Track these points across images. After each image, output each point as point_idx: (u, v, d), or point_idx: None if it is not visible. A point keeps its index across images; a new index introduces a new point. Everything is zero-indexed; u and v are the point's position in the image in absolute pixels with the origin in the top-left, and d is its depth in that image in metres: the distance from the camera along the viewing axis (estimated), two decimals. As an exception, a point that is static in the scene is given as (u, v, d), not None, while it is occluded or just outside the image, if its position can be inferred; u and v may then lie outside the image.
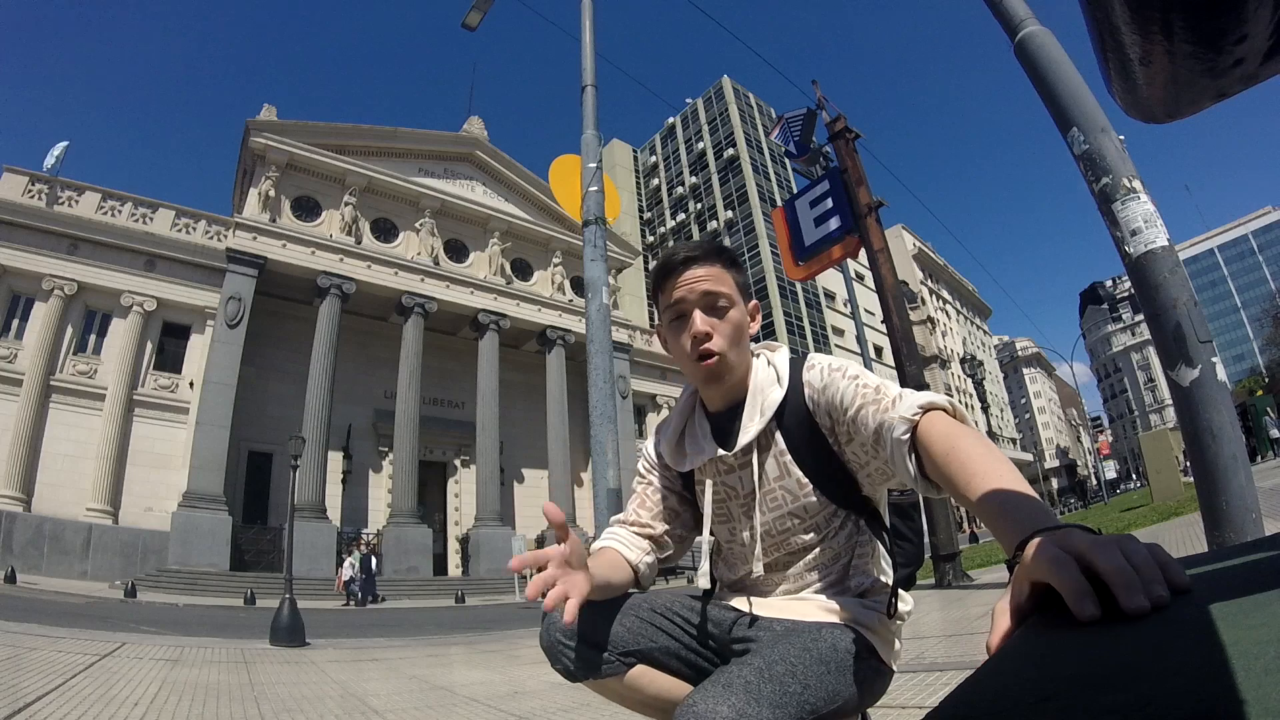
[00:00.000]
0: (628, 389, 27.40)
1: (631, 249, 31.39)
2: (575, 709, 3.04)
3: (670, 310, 1.10)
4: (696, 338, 1.06)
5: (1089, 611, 0.43)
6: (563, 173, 5.00)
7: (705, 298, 1.07)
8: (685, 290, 1.07)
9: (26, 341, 17.87)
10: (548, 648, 1.04)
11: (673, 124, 59.29)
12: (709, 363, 1.06)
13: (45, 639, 5.00)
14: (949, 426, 0.86)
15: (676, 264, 1.09)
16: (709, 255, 1.10)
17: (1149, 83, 0.40)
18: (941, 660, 3.22)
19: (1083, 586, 0.45)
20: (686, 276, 1.08)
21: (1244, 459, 2.75)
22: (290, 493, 9.18)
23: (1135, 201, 2.97)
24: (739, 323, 1.09)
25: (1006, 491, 0.72)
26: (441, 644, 6.98)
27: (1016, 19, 3.47)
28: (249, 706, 3.30)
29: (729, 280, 1.09)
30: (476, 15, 6.65)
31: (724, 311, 1.07)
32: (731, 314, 1.08)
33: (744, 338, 1.10)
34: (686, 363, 1.09)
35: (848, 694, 0.91)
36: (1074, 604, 0.44)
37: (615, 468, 3.90)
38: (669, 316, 1.10)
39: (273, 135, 21.60)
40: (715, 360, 1.06)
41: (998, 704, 0.35)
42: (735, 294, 1.09)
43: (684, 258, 1.09)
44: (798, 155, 9.91)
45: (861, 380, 0.99)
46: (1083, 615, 0.43)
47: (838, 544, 1.07)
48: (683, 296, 1.08)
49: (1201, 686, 0.29)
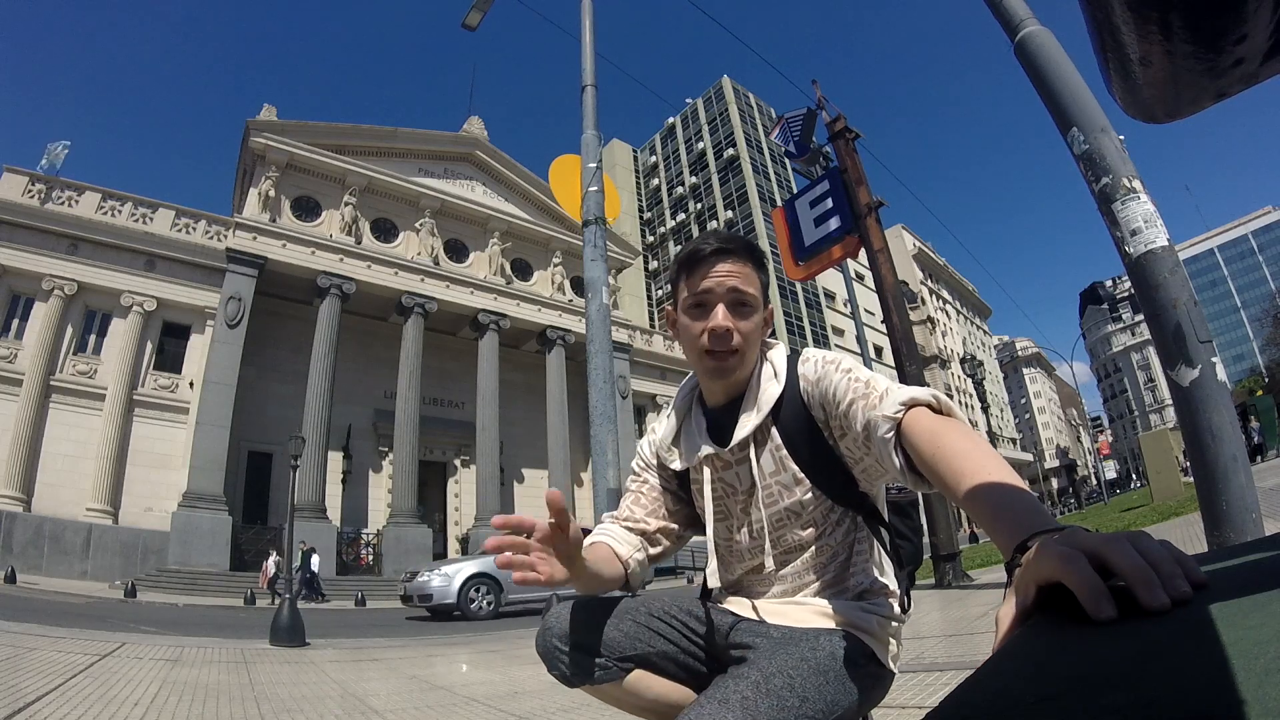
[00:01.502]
0: (628, 389, 27.41)
1: (631, 249, 31.41)
2: (575, 709, 3.04)
3: (693, 297, 1.07)
4: (715, 332, 1.04)
5: (1106, 612, 0.41)
6: (563, 173, 5.00)
7: (732, 294, 1.05)
8: (714, 282, 1.06)
9: (26, 341, 17.87)
10: (544, 653, 1.04)
11: (673, 124, 59.30)
12: (723, 360, 1.06)
13: (45, 639, 5.00)
14: (934, 423, 0.84)
15: (708, 253, 1.07)
16: (742, 252, 1.08)
17: (1149, 83, 0.40)
18: (941, 660, 3.22)
19: (1099, 585, 0.43)
20: (718, 269, 1.06)
21: (1244, 459, 2.75)
22: (290, 493, 9.21)
23: (1135, 201, 2.98)
24: (758, 325, 1.08)
25: (1000, 491, 0.70)
26: (441, 644, 6.98)
27: (1016, 19, 3.47)
28: (249, 706, 3.30)
29: (756, 281, 1.08)
30: (476, 15, 6.66)
31: (748, 312, 1.06)
32: (754, 316, 1.07)
33: (758, 341, 1.09)
34: (694, 351, 1.08)
35: (847, 703, 0.90)
36: (1090, 604, 0.42)
37: (615, 468, 3.90)
38: (690, 303, 1.08)
39: (273, 135, 21.61)
40: (732, 356, 1.05)
41: (998, 704, 0.35)
42: (759, 295, 1.08)
43: (717, 248, 1.07)
44: (798, 155, 9.90)
45: (854, 375, 0.98)
46: (1099, 615, 0.41)
47: (835, 541, 1.06)
48: (710, 288, 1.06)
49: (1201, 686, 0.29)
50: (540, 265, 27.64)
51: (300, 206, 22.50)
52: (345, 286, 21.62)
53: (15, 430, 16.78)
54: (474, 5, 6.58)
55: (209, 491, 17.84)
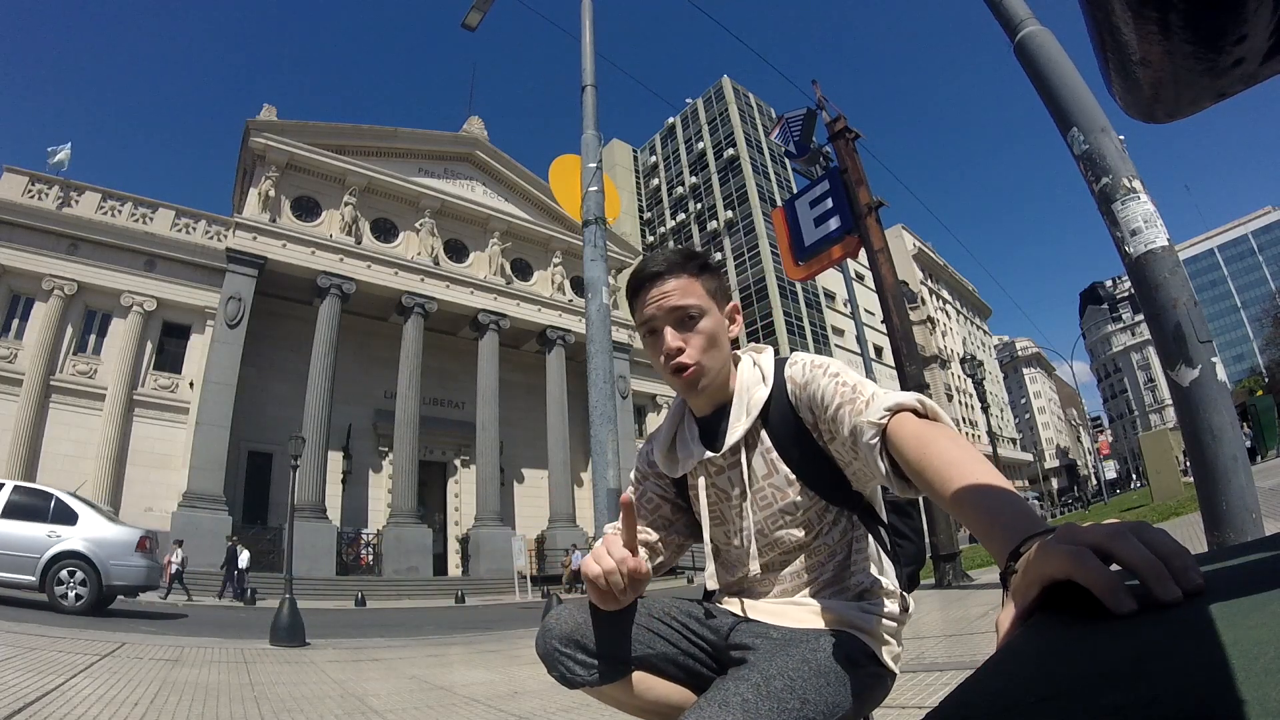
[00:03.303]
0: (628, 389, 27.41)
1: (631, 249, 31.40)
2: (575, 709, 3.04)
3: (643, 327, 1.10)
4: (668, 354, 1.06)
5: (1127, 606, 0.40)
6: (563, 173, 5.00)
7: (673, 313, 1.07)
8: (654, 308, 1.07)
9: (26, 341, 17.89)
10: (544, 655, 1.03)
11: (673, 124, 59.29)
12: (685, 374, 1.07)
13: (45, 639, 4.99)
14: (919, 428, 0.83)
15: (644, 280, 1.09)
16: (675, 267, 1.09)
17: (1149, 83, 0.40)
18: (941, 660, 3.22)
19: (1114, 580, 0.42)
20: (654, 293, 1.08)
21: (1244, 459, 2.75)
22: (290, 493, 9.20)
23: (1135, 201, 2.97)
24: (712, 331, 1.08)
25: (989, 495, 0.69)
26: (441, 644, 6.99)
27: (1016, 19, 3.47)
28: (249, 706, 3.30)
29: (698, 289, 1.08)
30: (476, 15, 6.66)
31: (694, 323, 1.07)
32: (703, 324, 1.07)
33: (720, 344, 1.09)
34: (665, 375, 1.10)
35: (848, 704, 0.90)
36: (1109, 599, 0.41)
37: (615, 468, 3.90)
38: (642, 332, 1.11)
39: (273, 135, 21.62)
40: (690, 371, 1.06)
41: (998, 704, 0.35)
42: (706, 302, 1.08)
43: (650, 273, 1.09)
44: (798, 155, 9.91)
45: (841, 379, 0.98)
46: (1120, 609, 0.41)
47: (831, 541, 1.06)
48: (652, 314, 1.08)
49: (1201, 686, 0.29)
50: (540, 265, 27.65)
51: (300, 206, 22.51)
52: (345, 286, 21.63)
53: (15, 430, 16.79)
54: (474, 5, 6.58)
55: (209, 491, 17.85)
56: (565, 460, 24.18)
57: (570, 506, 24.01)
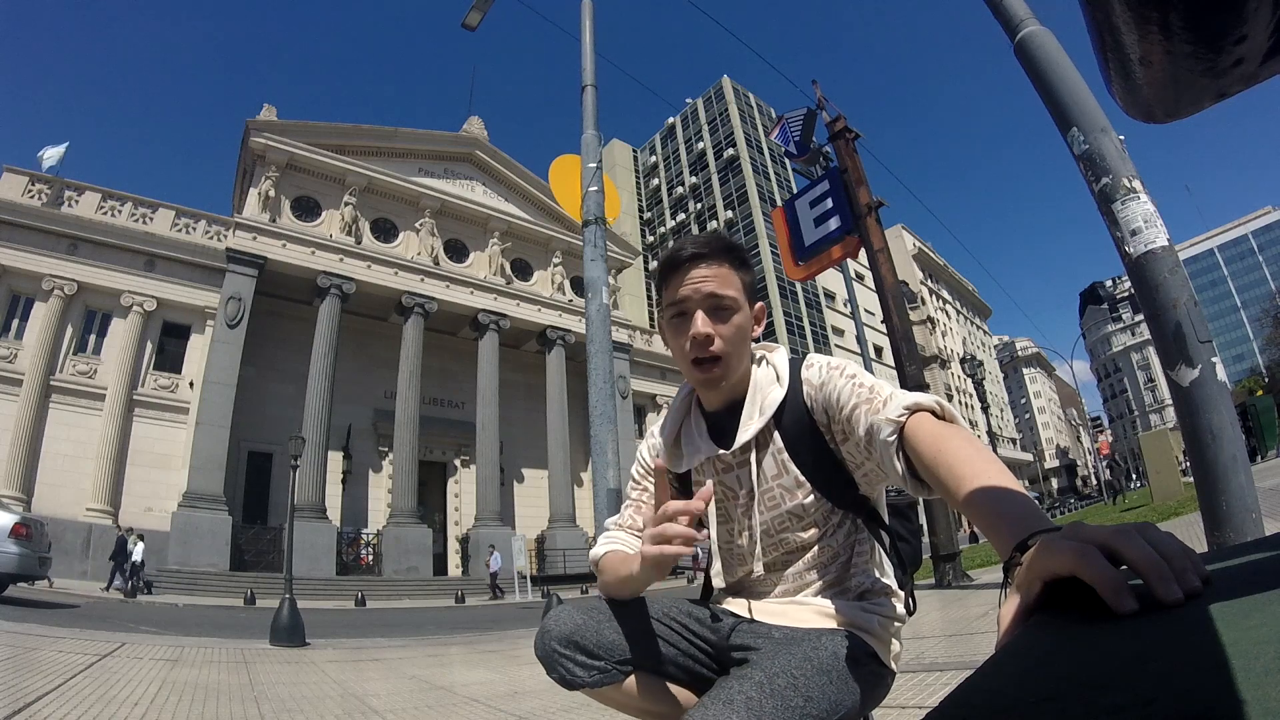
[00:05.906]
0: (628, 389, 27.40)
1: (631, 249, 31.41)
2: (575, 709, 3.04)
3: (672, 307, 1.07)
4: (696, 339, 1.03)
5: (1128, 605, 0.41)
6: (563, 173, 5.00)
7: (709, 299, 1.04)
8: (690, 289, 1.04)
9: (26, 341, 17.88)
10: (543, 656, 1.03)
11: (673, 124, 59.30)
12: (709, 370, 1.05)
13: (45, 639, 5.00)
14: (936, 428, 0.84)
15: (683, 260, 1.06)
16: (716, 254, 1.06)
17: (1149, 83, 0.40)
18: (942, 660, 3.22)
19: (1118, 578, 0.42)
20: (693, 275, 1.05)
21: (1244, 459, 2.75)
22: (290, 493, 9.18)
23: (1135, 201, 2.97)
24: (742, 326, 1.06)
25: (999, 494, 0.70)
26: (441, 644, 6.98)
27: (1016, 19, 3.47)
28: (249, 706, 3.30)
29: (736, 281, 1.06)
30: (476, 15, 6.65)
31: (728, 314, 1.05)
32: (735, 318, 1.05)
33: (746, 341, 1.08)
34: (683, 363, 1.08)
35: (850, 702, 0.90)
36: (1111, 597, 0.41)
37: (615, 468, 3.90)
38: (670, 313, 1.08)
39: (273, 135, 21.61)
40: (714, 366, 1.04)
41: (998, 704, 0.35)
42: (741, 296, 1.06)
43: (691, 254, 1.05)
44: (798, 155, 9.91)
45: (858, 380, 0.98)
46: (1122, 609, 0.41)
47: (836, 543, 1.06)
48: (686, 295, 1.05)
49: (1201, 686, 0.29)
50: (540, 265, 27.64)
51: (300, 206, 22.50)
52: (345, 286, 21.62)
53: (15, 430, 16.78)
54: (474, 5, 6.58)
55: (209, 491, 17.83)
56: (565, 460, 24.17)
57: (570, 506, 24.01)
